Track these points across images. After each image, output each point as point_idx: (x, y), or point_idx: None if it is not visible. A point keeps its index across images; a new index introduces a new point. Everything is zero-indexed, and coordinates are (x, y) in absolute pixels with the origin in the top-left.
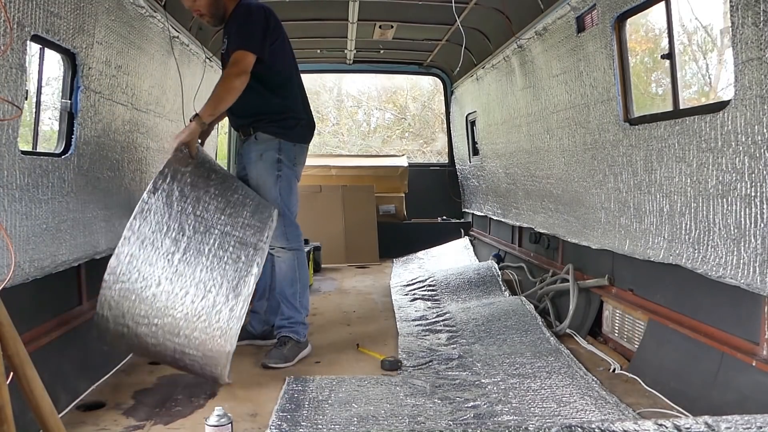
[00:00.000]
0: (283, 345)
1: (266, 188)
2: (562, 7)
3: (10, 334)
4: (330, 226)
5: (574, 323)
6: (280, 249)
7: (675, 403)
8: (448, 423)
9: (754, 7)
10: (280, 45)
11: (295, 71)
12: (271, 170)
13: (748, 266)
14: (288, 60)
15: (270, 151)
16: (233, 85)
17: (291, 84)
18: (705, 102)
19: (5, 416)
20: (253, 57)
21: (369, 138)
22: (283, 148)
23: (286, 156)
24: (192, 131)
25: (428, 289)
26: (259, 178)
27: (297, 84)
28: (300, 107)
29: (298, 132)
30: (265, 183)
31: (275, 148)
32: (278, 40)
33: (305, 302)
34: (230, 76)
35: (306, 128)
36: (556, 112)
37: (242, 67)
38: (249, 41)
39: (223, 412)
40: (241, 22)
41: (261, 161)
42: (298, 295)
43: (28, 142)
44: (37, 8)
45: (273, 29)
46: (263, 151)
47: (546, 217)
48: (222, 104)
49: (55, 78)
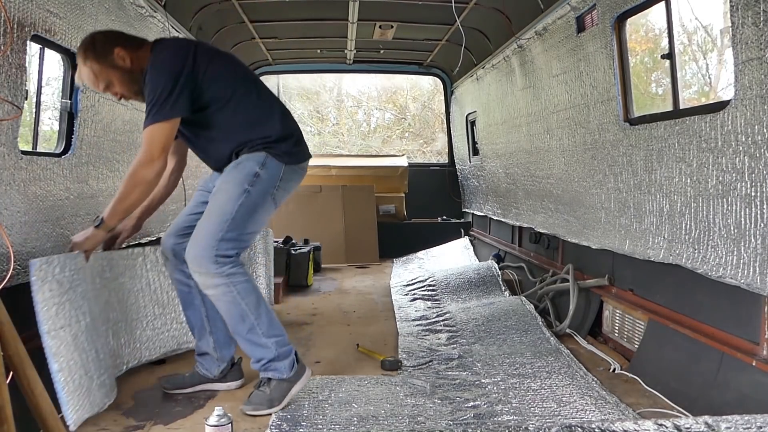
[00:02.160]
0: (266, 385)
1: (222, 200)
2: (562, 7)
3: (10, 334)
4: (330, 226)
5: (574, 323)
6: (204, 275)
7: (675, 403)
8: (448, 423)
9: (754, 7)
10: (215, 71)
11: (254, 85)
12: (240, 181)
13: (748, 266)
14: (238, 76)
15: (250, 162)
16: (140, 176)
17: (250, 97)
18: (705, 102)
19: (5, 416)
20: (167, 129)
21: (369, 138)
22: (269, 164)
23: (269, 173)
24: (93, 241)
25: (428, 289)
26: (222, 187)
27: (264, 96)
28: (278, 120)
29: (284, 149)
30: (225, 193)
31: (258, 160)
32: (209, 69)
33: (272, 330)
34: (136, 167)
35: (297, 145)
36: (556, 112)
37: (152, 151)
38: (156, 111)
39: (223, 412)
40: (148, 87)
41: (235, 170)
42: (257, 327)
43: (28, 142)
44: (37, 8)
45: (193, 66)
46: (243, 161)
47: (546, 217)
48: (128, 204)
49: (55, 78)
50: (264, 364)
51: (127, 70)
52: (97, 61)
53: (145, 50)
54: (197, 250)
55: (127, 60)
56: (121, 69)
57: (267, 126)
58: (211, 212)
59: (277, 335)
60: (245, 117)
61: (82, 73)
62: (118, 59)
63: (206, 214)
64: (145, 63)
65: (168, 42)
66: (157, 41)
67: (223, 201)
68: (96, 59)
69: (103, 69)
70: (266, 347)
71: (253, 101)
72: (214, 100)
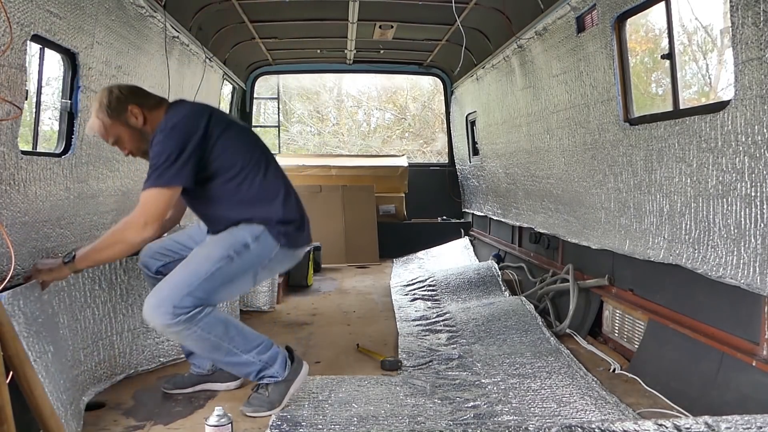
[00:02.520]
0: (264, 389)
1: (201, 257)
2: (562, 7)
3: (10, 334)
4: (330, 226)
5: (574, 323)
6: (158, 326)
7: (675, 403)
8: (448, 423)
9: (754, 7)
10: (226, 142)
11: (264, 163)
12: (228, 246)
13: (748, 266)
14: (249, 152)
15: (244, 231)
16: (126, 237)
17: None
18: (705, 102)
19: (5, 416)
20: (166, 196)
21: (369, 138)
22: (263, 240)
23: (260, 249)
24: (56, 275)
25: (428, 289)
26: (208, 244)
27: (271, 175)
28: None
29: (284, 231)
30: (208, 252)
31: (254, 233)
32: (221, 139)
33: (249, 344)
34: (125, 225)
35: (298, 230)
36: (556, 112)
37: (146, 215)
38: (159, 175)
39: (223, 412)
40: (154, 150)
41: (228, 233)
42: (234, 349)
43: (28, 142)
44: (37, 8)
45: (204, 133)
46: (239, 229)
47: (546, 217)
48: (103, 257)
49: (55, 78)
50: (255, 375)
51: (139, 129)
52: (109, 117)
53: (161, 111)
54: (156, 299)
55: (140, 119)
56: (133, 127)
57: (270, 207)
58: (185, 266)
59: (255, 346)
60: (249, 194)
61: (93, 125)
62: (131, 117)
63: (180, 267)
64: (157, 123)
65: (183, 105)
66: (174, 103)
67: (202, 258)
68: (108, 115)
69: (114, 125)
70: (249, 362)
71: (260, 180)
72: (220, 172)
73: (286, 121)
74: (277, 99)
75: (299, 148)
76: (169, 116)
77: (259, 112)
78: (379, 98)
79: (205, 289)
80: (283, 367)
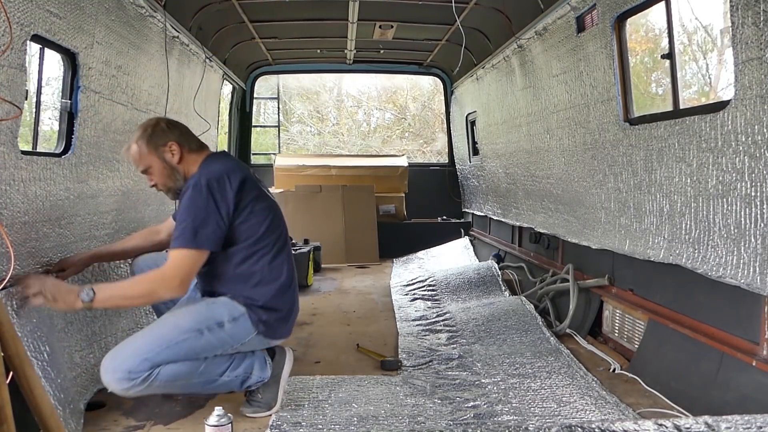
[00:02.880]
0: (255, 392)
1: (170, 324)
2: (562, 7)
3: (10, 334)
4: (330, 226)
5: (574, 323)
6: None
7: (675, 403)
8: (448, 423)
9: (754, 7)
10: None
11: (276, 245)
12: (201, 320)
13: (748, 266)
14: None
15: (223, 308)
16: (156, 293)
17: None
18: (705, 102)
19: (5, 416)
20: (198, 258)
21: (369, 138)
22: (240, 322)
23: (234, 331)
24: (68, 307)
25: (428, 289)
26: (183, 310)
27: (278, 260)
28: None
29: (265, 318)
30: (179, 320)
31: (232, 312)
32: (248, 209)
33: (218, 368)
34: (159, 282)
35: (280, 321)
36: (556, 112)
37: (181, 276)
38: (192, 236)
39: (223, 412)
40: (186, 203)
41: (206, 306)
42: (206, 378)
43: (28, 142)
44: (37, 8)
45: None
46: (220, 303)
47: (546, 217)
48: (128, 304)
49: (55, 78)
50: (239, 387)
51: (172, 167)
52: (147, 145)
53: (200, 156)
54: (112, 364)
55: (177, 157)
56: (167, 163)
57: (261, 289)
58: (151, 329)
59: (226, 367)
60: (249, 270)
61: (130, 150)
62: (168, 152)
63: (146, 330)
64: (191, 169)
65: (221, 162)
66: (214, 156)
67: (171, 325)
68: (147, 143)
69: (150, 154)
70: (227, 382)
71: (267, 260)
72: (235, 240)
73: (286, 121)
74: (277, 99)
75: (299, 148)
76: (204, 171)
77: (259, 112)
78: (379, 98)
79: (166, 357)
80: (264, 368)
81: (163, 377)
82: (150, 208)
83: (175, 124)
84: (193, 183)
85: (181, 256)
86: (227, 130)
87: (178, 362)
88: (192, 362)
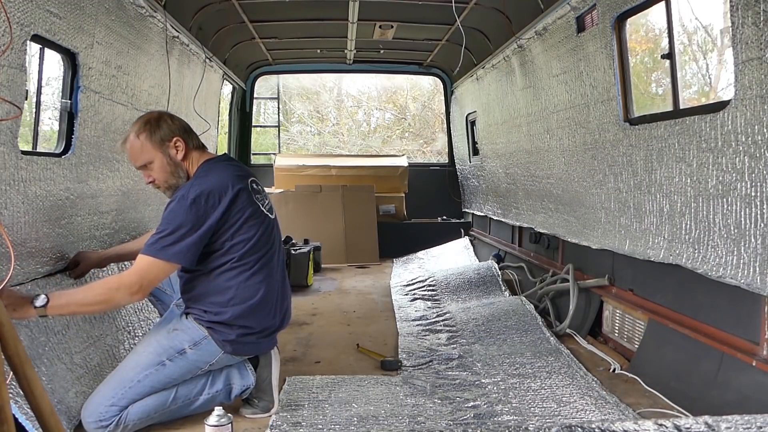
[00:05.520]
0: (249, 399)
1: (132, 362)
2: (562, 7)
3: (10, 334)
4: (330, 226)
5: (574, 323)
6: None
7: (675, 403)
8: (448, 423)
9: (754, 7)
10: (239, 229)
11: (260, 265)
12: (161, 351)
13: (748, 266)
14: (254, 249)
15: (184, 335)
16: (115, 299)
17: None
18: (705, 102)
19: (5, 416)
20: (165, 270)
21: (369, 138)
22: (204, 346)
23: (198, 355)
24: (20, 315)
25: (428, 289)
26: (144, 342)
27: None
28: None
29: (230, 337)
30: (139, 356)
31: (193, 338)
32: (235, 225)
33: (196, 386)
34: (117, 287)
35: (250, 338)
36: (556, 112)
37: (141, 283)
38: (164, 246)
39: (223, 412)
40: (168, 213)
41: (167, 334)
42: (185, 401)
43: (28, 142)
44: (37, 8)
45: (222, 215)
46: (181, 329)
47: (546, 217)
48: (84, 311)
49: (55, 78)
50: (228, 398)
51: (176, 163)
52: (150, 139)
53: (200, 157)
54: (85, 412)
55: (180, 153)
56: (170, 158)
57: (232, 307)
58: (116, 372)
59: (204, 385)
60: (222, 286)
61: (128, 143)
62: (172, 147)
63: (111, 374)
64: (193, 167)
65: (216, 173)
66: (212, 161)
67: (132, 365)
68: (150, 136)
69: (154, 149)
70: (211, 398)
71: (244, 278)
72: (216, 253)
73: (286, 121)
74: (277, 99)
75: (299, 148)
76: (197, 183)
77: (259, 112)
78: (379, 98)
79: (132, 396)
80: (245, 376)
81: (135, 416)
82: (150, 208)
83: (179, 119)
84: (181, 195)
85: (147, 264)
86: (227, 130)
87: (145, 398)
88: (162, 393)
